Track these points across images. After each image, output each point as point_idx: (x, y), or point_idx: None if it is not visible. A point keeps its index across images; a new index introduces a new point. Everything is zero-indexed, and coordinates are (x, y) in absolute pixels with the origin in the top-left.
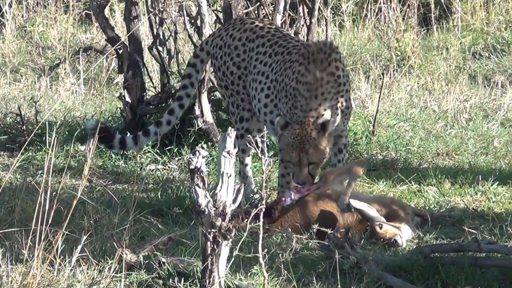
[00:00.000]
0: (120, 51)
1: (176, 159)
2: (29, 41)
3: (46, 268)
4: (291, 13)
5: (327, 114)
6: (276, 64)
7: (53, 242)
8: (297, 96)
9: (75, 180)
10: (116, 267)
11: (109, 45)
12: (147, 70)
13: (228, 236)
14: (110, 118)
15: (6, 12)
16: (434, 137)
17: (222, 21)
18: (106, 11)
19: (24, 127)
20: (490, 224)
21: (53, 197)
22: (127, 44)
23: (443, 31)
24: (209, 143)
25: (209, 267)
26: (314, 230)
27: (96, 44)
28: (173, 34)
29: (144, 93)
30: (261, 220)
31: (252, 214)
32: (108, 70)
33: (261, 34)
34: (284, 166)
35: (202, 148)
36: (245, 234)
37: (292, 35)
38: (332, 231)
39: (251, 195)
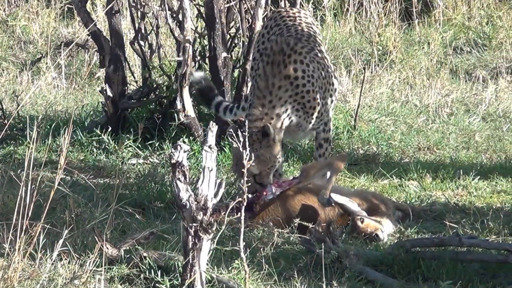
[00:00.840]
0: (100, 45)
1: (158, 153)
2: (11, 35)
3: (27, 262)
4: (273, 8)
5: (276, 119)
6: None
7: (33, 235)
8: (254, 94)
9: (56, 174)
10: (97, 261)
11: (91, 39)
12: (128, 64)
13: (210, 230)
14: (91, 112)
15: None
16: (415, 132)
17: (203, 15)
18: (88, 5)
19: (6, 121)
20: (471, 218)
21: (34, 191)
22: (109, 39)
23: (425, 25)
24: (191, 137)
25: (191, 261)
26: (296, 224)
27: (78, 39)
28: (154, 28)
29: (126, 87)
30: (242, 214)
31: (230, 207)
32: (90, 64)
33: (278, 23)
34: None
35: (184, 142)
36: (225, 228)
37: (303, 23)
38: (313, 226)
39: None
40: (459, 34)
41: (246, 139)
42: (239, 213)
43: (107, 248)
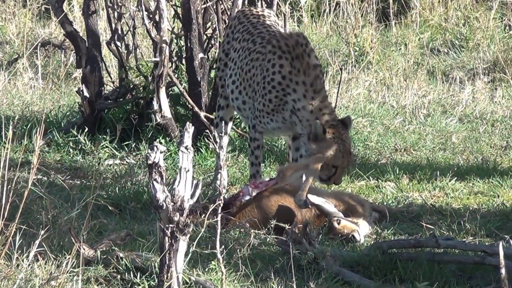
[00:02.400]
0: (77, 46)
1: (134, 154)
2: None
3: (4, 263)
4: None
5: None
6: (242, 51)
7: (9, 236)
8: (285, 89)
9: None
10: (73, 262)
11: (67, 39)
12: (105, 65)
13: (186, 231)
14: (68, 113)
15: None
16: (392, 133)
17: (180, 16)
18: (65, 6)
19: None
20: (448, 219)
21: (10, 191)
22: (85, 39)
23: (402, 26)
24: (167, 138)
25: (167, 262)
26: (272, 225)
27: (55, 39)
28: (131, 29)
29: (102, 88)
30: (219, 215)
31: (210, 210)
32: (66, 65)
33: (242, 21)
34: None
35: (160, 143)
36: (204, 230)
37: (268, 22)
38: (290, 227)
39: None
40: (436, 35)
41: (222, 140)
42: (215, 214)
43: (84, 249)
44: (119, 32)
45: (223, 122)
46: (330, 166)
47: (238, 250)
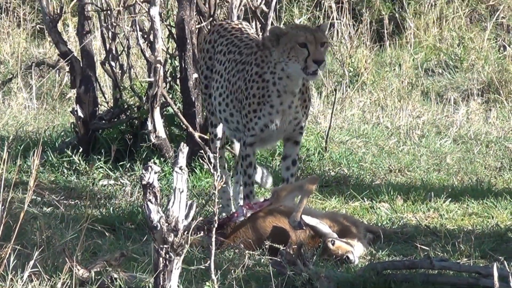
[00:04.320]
0: (71, 66)
1: (129, 174)
2: None
3: None
4: None
5: None
6: (228, 63)
7: (2, 256)
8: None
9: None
10: (68, 282)
11: (62, 59)
12: (99, 85)
13: (180, 252)
14: (62, 133)
15: None
16: (386, 154)
17: (175, 36)
18: (59, 26)
19: None
20: (443, 241)
21: (4, 212)
22: (80, 59)
23: (396, 47)
24: (162, 158)
25: (161, 283)
26: (267, 246)
27: (49, 59)
28: (125, 49)
29: (97, 108)
30: (213, 235)
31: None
32: (61, 84)
33: (223, 34)
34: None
35: (155, 163)
36: (196, 249)
37: (249, 33)
38: (284, 247)
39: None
40: (430, 55)
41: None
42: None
43: (78, 269)
44: (114, 52)
45: (217, 138)
46: (298, 48)
47: (232, 271)
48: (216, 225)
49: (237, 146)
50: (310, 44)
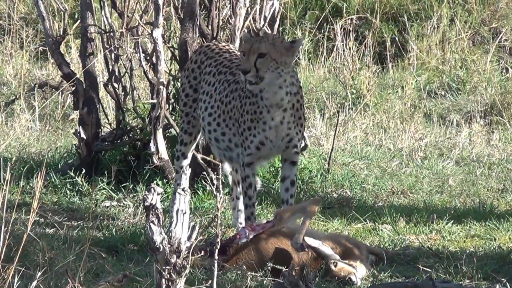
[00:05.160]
0: (74, 88)
1: (131, 195)
2: None
3: None
4: None
5: None
6: (219, 83)
7: (5, 277)
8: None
9: (30, 217)
10: None
11: (65, 81)
12: (102, 106)
13: (183, 273)
14: (65, 155)
15: None
16: (389, 175)
17: (177, 58)
18: (62, 47)
19: None
20: (445, 262)
21: (7, 233)
22: (83, 81)
23: (399, 69)
24: (164, 180)
25: None
26: (269, 267)
27: (52, 80)
28: (128, 70)
29: (100, 130)
30: (216, 257)
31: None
32: (64, 106)
33: (211, 56)
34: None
35: (157, 185)
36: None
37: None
38: (286, 269)
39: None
40: (433, 78)
41: (220, 182)
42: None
43: None
44: (116, 73)
45: (184, 156)
46: (241, 57)
47: None
48: (218, 247)
49: (226, 166)
50: (244, 54)
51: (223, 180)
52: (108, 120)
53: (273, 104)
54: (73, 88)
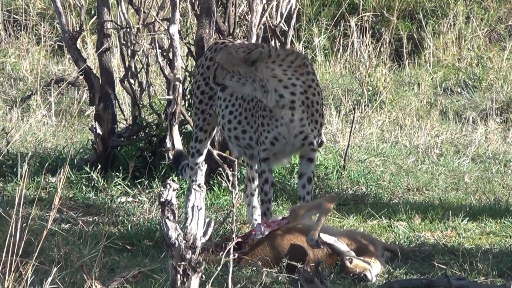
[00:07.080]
0: (90, 83)
1: (147, 191)
2: (1, 72)
3: None
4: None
5: None
6: None
7: (23, 273)
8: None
9: (46, 212)
10: None
11: (81, 77)
12: (118, 102)
13: (198, 269)
14: (81, 150)
15: None
16: (404, 172)
17: (194, 54)
18: (78, 43)
19: None
20: (460, 259)
21: (23, 228)
22: (99, 76)
23: (415, 66)
24: (180, 176)
25: None
26: (284, 264)
27: (68, 76)
28: (145, 66)
29: (116, 125)
30: (231, 253)
31: (228, 248)
32: (80, 102)
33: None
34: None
35: (173, 181)
36: (219, 268)
37: None
38: (302, 265)
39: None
40: (449, 75)
41: (235, 178)
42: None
43: (96, 286)
44: (133, 69)
45: (199, 153)
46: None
47: None
48: (234, 243)
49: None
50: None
51: (239, 176)
52: (124, 116)
53: (272, 106)
54: (89, 84)
